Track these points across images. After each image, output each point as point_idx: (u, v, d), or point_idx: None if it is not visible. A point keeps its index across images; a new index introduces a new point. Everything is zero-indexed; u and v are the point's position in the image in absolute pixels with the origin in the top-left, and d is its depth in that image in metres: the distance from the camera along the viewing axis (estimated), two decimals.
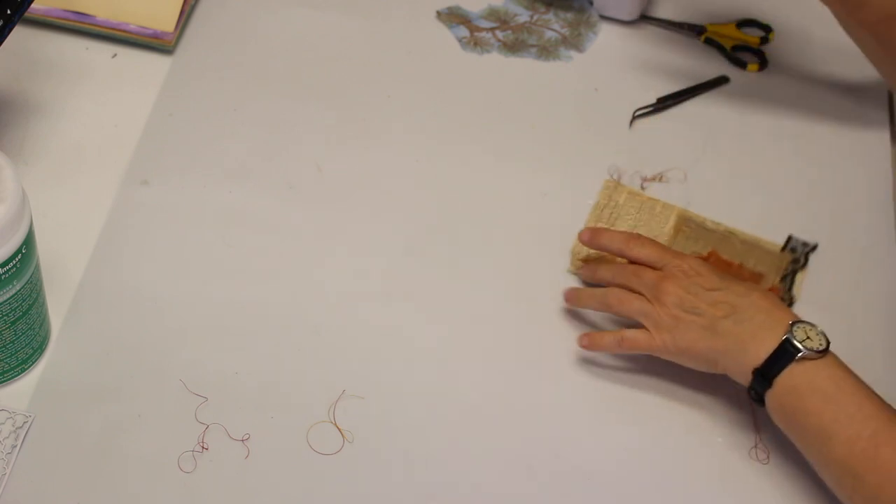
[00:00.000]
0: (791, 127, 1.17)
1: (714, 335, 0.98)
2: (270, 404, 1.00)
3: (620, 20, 1.32)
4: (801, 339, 0.95)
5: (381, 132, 1.20)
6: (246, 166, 1.16)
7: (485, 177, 1.18)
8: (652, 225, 1.13)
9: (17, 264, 0.91)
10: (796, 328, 0.95)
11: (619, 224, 1.12)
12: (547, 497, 0.97)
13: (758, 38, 1.32)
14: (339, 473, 0.97)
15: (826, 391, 0.93)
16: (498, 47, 1.29)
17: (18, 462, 0.95)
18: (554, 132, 1.22)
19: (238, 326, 1.05)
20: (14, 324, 0.95)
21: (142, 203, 1.12)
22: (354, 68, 1.25)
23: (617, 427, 1.02)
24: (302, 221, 1.13)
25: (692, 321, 0.99)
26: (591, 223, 1.12)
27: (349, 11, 1.30)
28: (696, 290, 1.00)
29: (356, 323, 1.06)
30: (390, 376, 1.03)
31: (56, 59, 1.22)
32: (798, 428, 0.95)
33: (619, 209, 1.14)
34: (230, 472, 0.96)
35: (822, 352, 0.94)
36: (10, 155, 1.12)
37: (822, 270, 1.13)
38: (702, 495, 0.99)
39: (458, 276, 1.10)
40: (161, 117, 1.19)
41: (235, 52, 1.26)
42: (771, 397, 0.96)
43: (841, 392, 0.93)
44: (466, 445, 1.00)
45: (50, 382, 1.00)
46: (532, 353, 1.06)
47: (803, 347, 0.94)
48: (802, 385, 0.94)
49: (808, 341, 0.95)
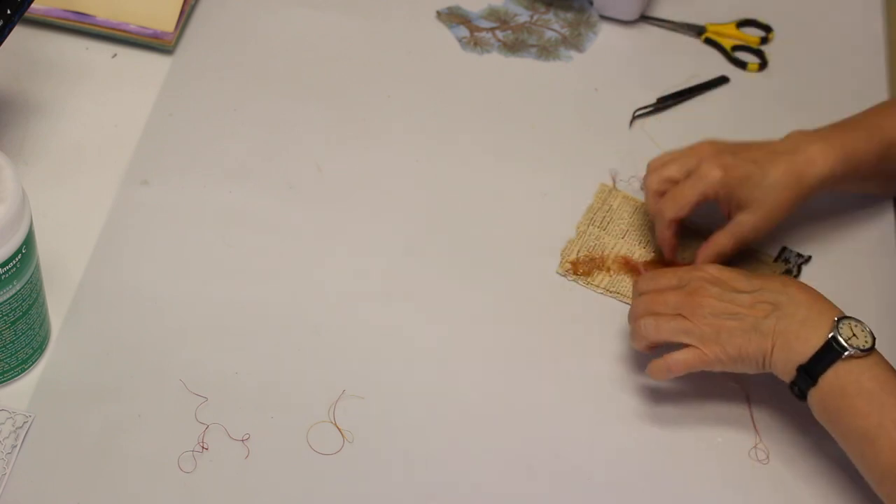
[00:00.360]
0: (791, 127, 1.17)
1: (760, 336, 0.96)
2: (270, 404, 1.00)
3: (620, 20, 1.32)
4: (847, 337, 0.93)
5: (381, 132, 1.20)
6: (246, 166, 1.16)
7: (485, 177, 1.18)
8: (645, 229, 1.13)
9: (17, 264, 0.91)
10: (842, 325, 0.94)
11: (612, 227, 1.13)
12: (547, 497, 0.97)
13: (758, 38, 1.32)
14: (339, 473, 0.97)
15: (872, 392, 0.92)
16: (498, 47, 1.29)
17: (18, 462, 0.95)
18: (554, 132, 1.22)
19: (238, 326, 1.05)
20: (14, 324, 0.95)
21: (142, 203, 1.12)
22: (354, 68, 1.25)
23: (617, 427, 1.02)
24: (302, 221, 1.13)
25: (734, 327, 0.97)
26: (583, 226, 1.13)
27: (349, 11, 1.30)
28: (728, 296, 0.98)
29: (356, 323, 1.06)
30: (390, 376, 1.03)
31: (56, 59, 1.22)
32: (842, 428, 0.94)
33: (612, 213, 1.14)
34: (230, 472, 0.96)
35: (868, 350, 0.93)
36: (10, 155, 1.12)
37: (821, 273, 1.13)
38: (702, 495, 0.99)
39: (459, 276, 1.10)
40: (161, 117, 1.19)
41: (235, 52, 1.26)
42: (814, 395, 0.94)
43: (886, 394, 0.91)
44: (466, 445, 1.00)
45: (50, 382, 1.00)
46: (532, 353, 1.06)
47: (849, 346, 0.93)
48: (848, 385, 0.93)
49: (854, 339, 0.93)
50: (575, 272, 1.10)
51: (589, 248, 1.11)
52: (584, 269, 1.10)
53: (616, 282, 1.09)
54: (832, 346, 0.93)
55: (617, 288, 1.09)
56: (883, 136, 1.07)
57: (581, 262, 1.10)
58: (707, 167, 1.06)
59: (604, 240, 1.12)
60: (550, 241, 1.13)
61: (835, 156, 1.06)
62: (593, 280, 1.09)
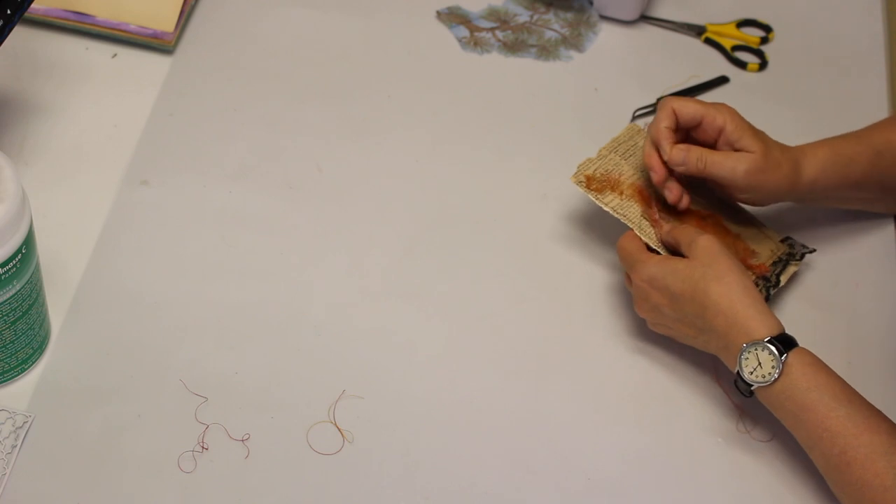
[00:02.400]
0: (791, 127, 1.17)
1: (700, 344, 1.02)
2: (270, 404, 1.00)
3: (620, 20, 1.32)
4: (751, 370, 0.95)
5: (381, 132, 1.20)
6: (246, 166, 1.16)
7: (485, 177, 1.18)
8: None
9: (17, 264, 0.91)
10: (746, 355, 0.95)
11: (633, 160, 1.11)
12: (547, 497, 0.97)
13: (758, 38, 1.32)
14: (339, 473, 0.97)
15: (795, 414, 0.94)
16: (498, 47, 1.29)
17: (18, 462, 0.95)
18: (554, 132, 1.22)
19: (238, 326, 1.05)
20: (14, 324, 0.95)
21: (141, 203, 1.12)
22: (354, 68, 1.25)
23: (616, 427, 1.02)
24: (302, 221, 1.13)
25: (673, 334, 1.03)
26: (606, 151, 1.11)
27: (349, 11, 1.30)
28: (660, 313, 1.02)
29: (356, 323, 1.06)
30: (390, 376, 1.03)
31: (56, 59, 1.22)
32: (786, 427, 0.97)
33: (636, 149, 1.12)
34: (230, 472, 0.96)
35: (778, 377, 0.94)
36: (10, 155, 1.12)
37: (821, 273, 1.13)
38: (702, 495, 0.99)
39: (458, 275, 1.10)
40: (161, 117, 1.19)
41: (235, 52, 1.26)
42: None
43: (807, 412, 0.93)
44: (466, 445, 1.00)
45: (50, 382, 1.00)
46: (532, 353, 1.06)
47: (753, 381, 0.95)
48: (771, 404, 0.96)
49: (759, 370, 0.95)
50: (588, 185, 1.08)
51: (606, 171, 1.10)
52: (597, 185, 1.08)
53: (625, 206, 1.08)
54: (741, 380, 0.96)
55: (625, 211, 1.07)
56: (871, 142, 1.08)
57: (596, 179, 1.08)
58: (727, 107, 1.07)
59: (622, 167, 1.10)
60: (550, 241, 1.13)
61: (824, 153, 1.06)
62: (604, 198, 1.08)
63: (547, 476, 0.98)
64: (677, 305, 1.00)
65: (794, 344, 0.95)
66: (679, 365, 1.05)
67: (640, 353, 1.06)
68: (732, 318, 0.97)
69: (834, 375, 0.94)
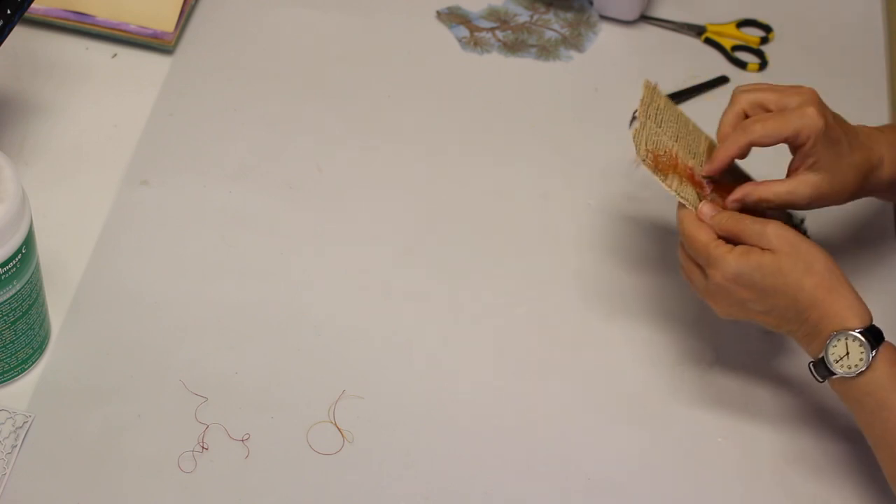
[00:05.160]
0: None
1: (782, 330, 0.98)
2: (270, 404, 1.00)
3: (620, 20, 1.32)
4: (837, 358, 0.92)
5: (382, 132, 1.20)
6: (246, 166, 1.16)
7: (485, 177, 1.18)
8: (689, 140, 1.07)
9: (17, 264, 0.91)
10: (835, 343, 0.92)
11: (666, 127, 1.06)
12: (547, 497, 0.97)
13: (758, 38, 1.32)
14: (339, 473, 0.97)
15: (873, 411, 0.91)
16: (498, 47, 1.29)
17: (18, 462, 0.95)
18: (554, 132, 1.22)
19: (238, 326, 1.05)
20: (14, 324, 0.95)
21: (141, 203, 1.12)
22: (354, 68, 1.25)
23: (617, 428, 1.02)
24: (302, 221, 1.13)
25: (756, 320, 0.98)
26: (643, 116, 1.05)
27: (349, 11, 1.30)
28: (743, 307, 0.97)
29: (356, 323, 1.06)
30: (390, 376, 1.03)
31: (56, 59, 1.22)
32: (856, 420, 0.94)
33: (661, 113, 1.07)
34: (230, 472, 0.96)
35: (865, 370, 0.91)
36: (10, 155, 1.12)
37: None
38: (702, 495, 0.99)
39: (459, 276, 1.10)
40: (161, 117, 1.19)
41: (235, 52, 1.26)
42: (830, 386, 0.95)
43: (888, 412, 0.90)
44: (466, 445, 1.00)
45: (50, 382, 1.00)
46: (532, 353, 1.06)
47: (838, 370, 0.92)
48: (848, 396, 0.93)
49: (846, 360, 0.91)
50: (655, 165, 1.02)
51: (654, 144, 1.04)
52: (663, 165, 1.02)
53: (683, 189, 1.02)
54: (823, 365, 0.93)
55: (685, 195, 1.01)
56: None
57: (660, 157, 1.02)
58: (813, 111, 0.99)
59: (662, 138, 1.05)
60: (550, 241, 1.13)
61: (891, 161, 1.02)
62: (668, 180, 1.02)
63: (547, 476, 0.98)
64: (768, 300, 0.95)
65: (882, 338, 0.92)
66: (679, 364, 1.05)
67: (640, 352, 1.06)
68: (826, 309, 0.94)
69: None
